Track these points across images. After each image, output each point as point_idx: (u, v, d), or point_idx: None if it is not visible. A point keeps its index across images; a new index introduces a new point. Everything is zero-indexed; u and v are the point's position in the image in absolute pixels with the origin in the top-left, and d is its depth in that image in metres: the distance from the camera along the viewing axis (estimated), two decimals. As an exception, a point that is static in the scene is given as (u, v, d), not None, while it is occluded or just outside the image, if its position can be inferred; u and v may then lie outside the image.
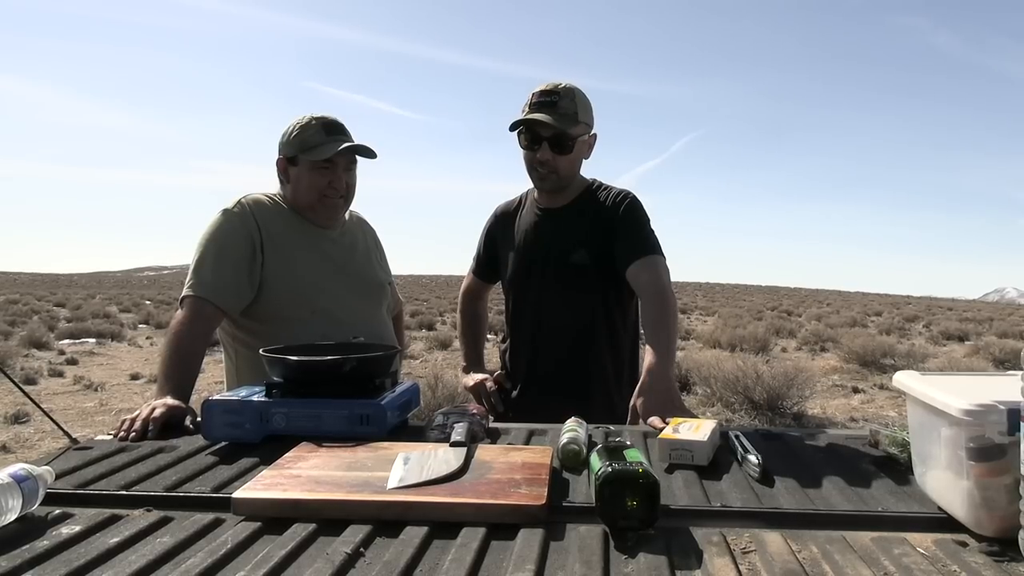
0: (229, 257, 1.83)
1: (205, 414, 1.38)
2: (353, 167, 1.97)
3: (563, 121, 1.87)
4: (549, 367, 2.04)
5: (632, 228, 1.96)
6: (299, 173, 1.91)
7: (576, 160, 1.98)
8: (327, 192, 1.92)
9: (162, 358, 1.74)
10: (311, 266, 1.93)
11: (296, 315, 1.87)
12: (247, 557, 0.87)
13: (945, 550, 0.90)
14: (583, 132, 1.94)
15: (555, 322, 2.01)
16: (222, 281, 1.81)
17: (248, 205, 1.91)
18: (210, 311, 1.80)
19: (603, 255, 1.96)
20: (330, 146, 1.87)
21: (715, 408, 7.32)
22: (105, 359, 11.47)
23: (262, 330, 1.86)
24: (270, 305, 1.87)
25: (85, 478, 1.16)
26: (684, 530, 0.95)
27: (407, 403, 1.55)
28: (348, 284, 1.98)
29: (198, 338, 1.78)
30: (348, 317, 1.92)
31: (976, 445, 0.90)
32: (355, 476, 1.10)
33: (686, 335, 15.97)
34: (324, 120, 1.91)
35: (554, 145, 1.90)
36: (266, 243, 1.88)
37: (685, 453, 1.23)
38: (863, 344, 11.31)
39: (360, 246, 2.12)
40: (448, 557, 0.87)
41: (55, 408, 7.03)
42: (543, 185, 2.01)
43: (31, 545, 0.90)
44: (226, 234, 1.86)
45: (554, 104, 1.89)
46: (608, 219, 1.97)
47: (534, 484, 1.06)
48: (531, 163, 1.96)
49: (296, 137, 1.90)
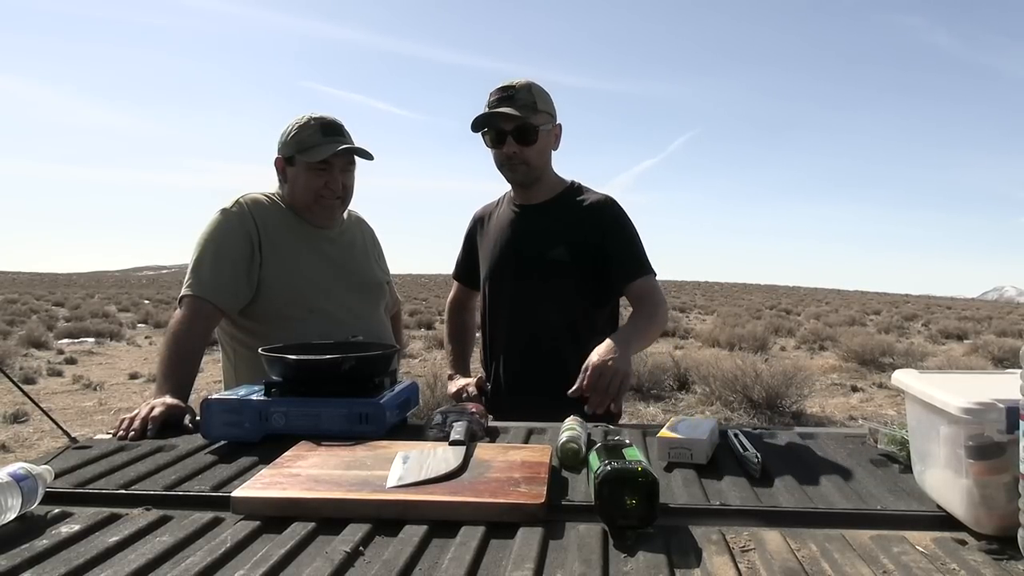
0: (227, 257, 1.83)
1: (204, 413, 1.38)
2: (351, 168, 1.96)
3: (523, 111, 1.87)
4: (522, 365, 2.02)
5: (625, 243, 1.96)
6: (296, 173, 1.91)
7: (544, 150, 1.97)
8: (323, 193, 1.91)
9: (161, 357, 1.74)
10: (309, 265, 1.93)
11: (294, 314, 1.87)
12: (246, 556, 0.88)
13: (944, 548, 0.90)
14: (546, 121, 1.93)
15: (530, 318, 1.98)
16: (220, 281, 1.81)
17: (246, 205, 1.90)
18: (209, 310, 1.80)
19: (582, 253, 1.94)
20: (326, 147, 1.86)
21: (714, 407, 7.32)
22: (104, 358, 11.46)
23: (260, 329, 1.86)
24: (268, 304, 1.87)
25: (84, 477, 1.16)
26: (683, 529, 0.95)
27: (406, 402, 1.55)
28: (346, 283, 1.98)
29: (197, 337, 1.78)
30: (346, 316, 1.92)
31: (975, 443, 0.91)
32: (354, 475, 1.10)
33: (685, 334, 15.97)
34: (322, 120, 1.90)
35: (519, 137, 1.89)
36: (264, 243, 1.88)
37: (684, 452, 1.23)
38: (862, 343, 11.31)
39: (358, 245, 2.11)
40: (447, 556, 0.87)
41: (54, 407, 7.02)
42: (515, 177, 1.99)
43: (30, 544, 0.90)
44: (224, 234, 1.86)
45: (512, 98, 1.89)
46: (592, 221, 1.96)
47: (533, 483, 1.06)
48: (500, 160, 1.96)
49: (294, 137, 1.89)
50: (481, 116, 1.90)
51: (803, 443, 1.39)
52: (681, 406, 7.59)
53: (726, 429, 1.40)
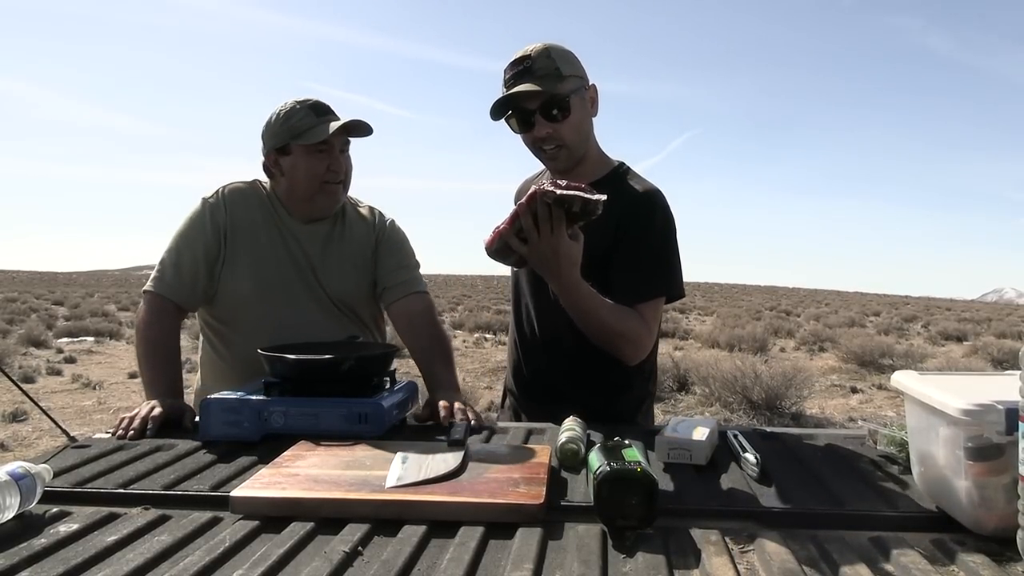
0: (191, 252, 1.78)
1: (203, 412, 1.38)
2: (347, 149, 1.82)
3: (546, 82, 1.60)
4: (549, 363, 1.80)
5: (645, 255, 1.65)
6: (294, 162, 1.77)
7: (580, 123, 1.68)
8: (327, 178, 1.78)
9: (140, 359, 1.72)
10: (268, 268, 1.81)
11: (245, 317, 1.81)
12: (245, 556, 0.87)
13: (943, 550, 0.90)
14: (575, 87, 1.65)
15: (556, 314, 1.62)
16: (180, 279, 1.77)
17: (225, 195, 1.83)
18: (171, 307, 1.77)
19: (607, 252, 1.65)
20: (323, 127, 1.73)
21: (713, 408, 7.32)
22: (103, 357, 11.45)
23: (218, 325, 1.84)
24: (223, 302, 1.82)
25: (83, 476, 1.16)
26: (682, 529, 0.95)
27: (405, 402, 1.55)
28: (307, 292, 1.83)
29: (167, 333, 1.75)
30: (294, 325, 1.78)
31: (974, 445, 0.90)
32: (353, 475, 1.10)
33: (685, 335, 15.97)
34: (309, 102, 1.77)
35: (546, 113, 1.63)
36: (230, 238, 1.80)
37: (683, 452, 1.23)
38: (861, 344, 11.32)
39: (347, 247, 1.89)
40: (446, 556, 0.87)
41: (53, 406, 7.02)
42: (555, 165, 1.72)
43: (29, 543, 0.90)
44: (193, 227, 1.80)
45: (529, 70, 1.62)
46: (626, 220, 1.64)
47: (532, 483, 1.06)
48: (531, 145, 1.71)
49: (283, 124, 1.75)
50: (499, 100, 1.65)
51: (802, 444, 1.39)
52: (681, 407, 7.59)
53: (725, 430, 1.40)
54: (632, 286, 1.63)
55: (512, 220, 1.38)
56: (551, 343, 1.79)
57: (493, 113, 1.68)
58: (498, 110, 1.68)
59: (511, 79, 1.64)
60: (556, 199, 1.31)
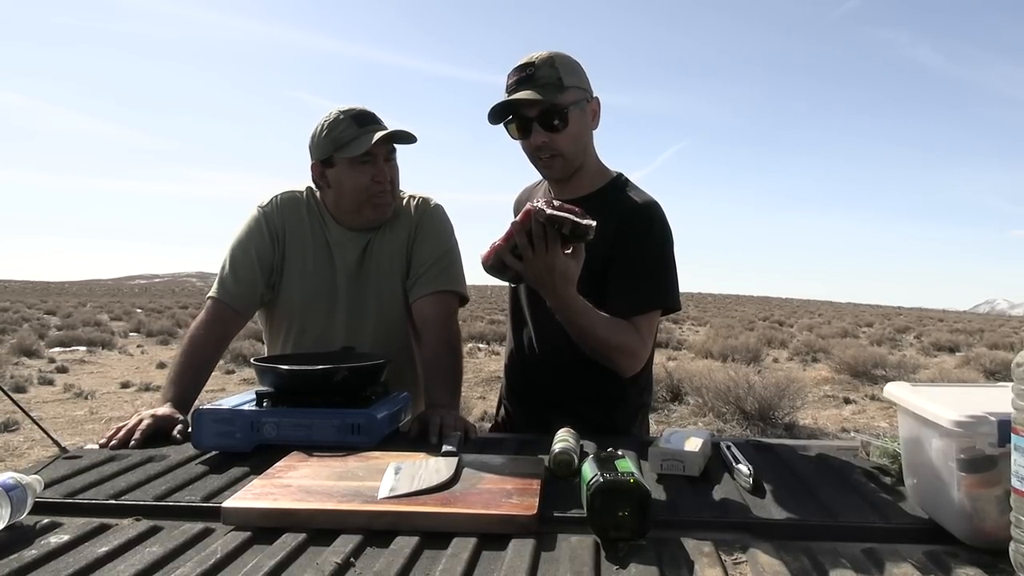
0: (248, 259, 1.81)
1: (196, 423, 1.37)
2: (393, 157, 1.80)
3: (547, 91, 1.60)
4: (553, 378, 1.78)
5: (642, 267, 1.64)
6: (339, 175, 1.76)
7: (579, 135, 1.67)
8: (373, 190, 1.76)
9: (175, 360, 1.74)
10: (314, 279, 1.84)
11: (292, 327, 1.87)
12: (237, 567, 0.87)
13: (936, 561, 0.90)
14: (577, 99, 1.65)
15: (552, 327, 1.60)
16: (239, 286, 1.79)
17: (279, 203, 1.87)
18: (229, 315, 1.78)
19: (604, 267, 1.64)
20: (366, 138, 1.71)
21: (707, 418, 7.32)
22: (95, 367, 11.39)
23: (270, 335, 1.89)
24: (277, 310, 1.87)
25: (74, 487, 1.15)
26: (675, 540, 0.95)
27: (398, 413, 1.54)
28: (351, 301, 1.85)
29: (212, 344, 1.76)
30: (343, 339, 1.82)
31: (967, 456, 0.91)
32: (346, 486, 1.10)
33: (678, 345, 15.98)
34: (352, 112, 1.75)
35: (544, 123, 1.63)
36: (283, 245, 1.84)
37: (676, 463, 1.23)
38: (854, 355, 11.34)
39: (386, 249, 1.87)
40: (439, 567, 0.87)
41: (45, 416, 6.97)
42: (551, 174, 1.73)
43: (19, 554, 0.90)
44: (250, 235, 1.84)
45: (531, 77, 1.61)
46: (624, 231, 1.64)
47: (525, 494, 1.05)
48: (529, 152, 1.71)
49: (326, 136, 1.74)
50: (498, 105, 1.65)
51: (795, 455, 1.39)
52: (674, 417, 7.59)
53: (719, 441, 1.40)
54: (628, 298, 1.63)
55: (508, 237, 1.39)
56: (549, 355, 1.79)
57: (492, 117, 1.68)
58: (497, 114, 1.67)
59: (513, 84, 1.64)
60: (547, 218, 1.33)
